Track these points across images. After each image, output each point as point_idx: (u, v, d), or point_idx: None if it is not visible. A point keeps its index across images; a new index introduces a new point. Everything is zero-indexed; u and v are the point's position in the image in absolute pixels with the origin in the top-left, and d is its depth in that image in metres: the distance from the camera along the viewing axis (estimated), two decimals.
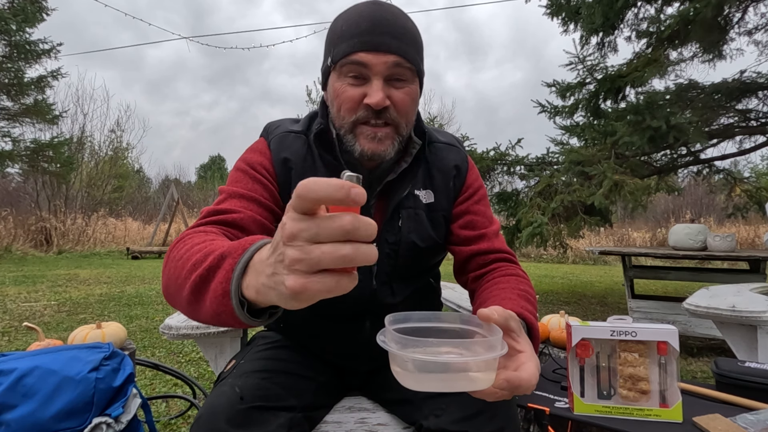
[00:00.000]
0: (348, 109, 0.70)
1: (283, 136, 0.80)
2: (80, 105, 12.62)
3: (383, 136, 0.71)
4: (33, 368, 0.90)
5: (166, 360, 2.49)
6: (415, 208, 0.80)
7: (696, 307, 1.34)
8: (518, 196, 4.52)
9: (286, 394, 0.72)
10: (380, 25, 0.68)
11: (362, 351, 0.86)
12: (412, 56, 0.70)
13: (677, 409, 0.86)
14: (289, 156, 0.78)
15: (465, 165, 0.86)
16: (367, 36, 0.67)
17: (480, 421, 0.67)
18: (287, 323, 0.93)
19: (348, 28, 0.69)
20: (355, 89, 0.69)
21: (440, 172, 0.83)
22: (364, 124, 0.71)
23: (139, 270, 6.66)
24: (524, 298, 0.69)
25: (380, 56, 0.67)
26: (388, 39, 0.68)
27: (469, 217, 0.84)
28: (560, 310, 1.63)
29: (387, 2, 0.71)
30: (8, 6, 8.44)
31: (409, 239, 0.80)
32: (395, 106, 0.70)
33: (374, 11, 0.69)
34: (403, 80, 0.71)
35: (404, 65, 0.69)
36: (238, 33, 37.71)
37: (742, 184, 4.48)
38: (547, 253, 9.69)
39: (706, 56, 4.19)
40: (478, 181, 0.88)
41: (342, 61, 0.69)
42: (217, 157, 31.72)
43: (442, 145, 0.85)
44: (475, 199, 0.85)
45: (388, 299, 0.82)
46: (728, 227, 10.55)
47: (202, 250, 0.51)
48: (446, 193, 0.83)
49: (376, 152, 0.71)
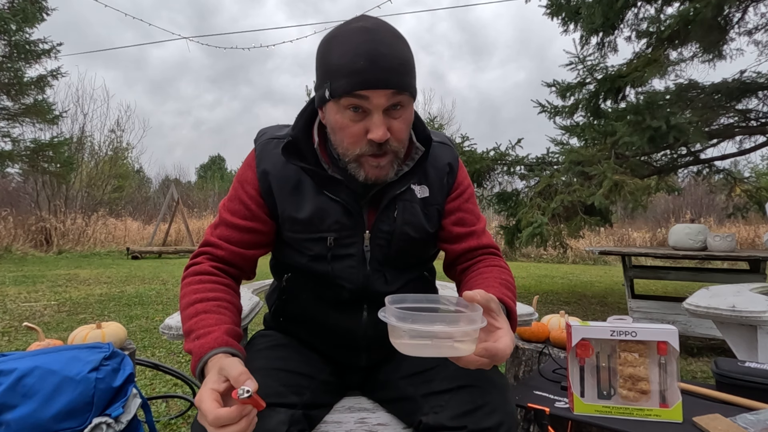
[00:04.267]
0: (352, 143, 0.74)
1: (265, 143, 0.84)
2: (80, 105, 12.61)
3: (386, 164, 0.76)
4: (33, 368, 0.90)
5: (166, 360, 2.49)
6: (411, 201, 0.85)
7: (696, 307, 1.34)
8: (518, 196, 4.52)
9: (286, 392, 0.73)
10: (378, 62, 0.69)
11: (360, 341, 0.87)
12: (408, 85, 0.73)
13: (677, 409, 0.86)
14: (268, 167, 0.82)
15: (456, 163, 0.91)
16: (366, 74, 0.68)
17: (479, 416, 0.67)
18: (287, 315, 0.94)
19: (345, 63, 0.69)
20: (357, 125, 0.73)
21: (434, 169, 0.88)
22: (368, 156, 0.75)
23: (139, 270, 6.67)
24: (505, 286, 0.78)
25: (380, 92, 0.70)
26: (386, 74, 0.69)
27: (460, 215, 0.90)
28: (560, 310, 1.63)
29: (378, 27, 0.72)
30: (8, 6, 8.44)
31: (403, 230, 0.84)
32: (394, 136, 0.74)
33: (370, 45, 0.69)
34: (401, 107, 0.74)
35: (401, 95, 0.72)
36: (241, 33, 37.76)
37: (742, 184, 4.49)
38: (547, 253, 9.69)
39: (706, 56, 4.19)
40: (467, 179, 0.94)
41: (339, 100, 0.71)
42: (217, 157, 31.76)
43: (436, 143, 0.90)
44: (465, 197, 0.91)
45: (381, 287, 0.85)
46: (728, 227, 10.55)
47: (190, 319, 0.74)
48: (440, 188, 0.88)
49: (379, 178, 0.77)
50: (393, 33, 0.73)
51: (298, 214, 0.82)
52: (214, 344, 0.68)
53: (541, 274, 7.21)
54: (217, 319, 0.73)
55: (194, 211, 14.61)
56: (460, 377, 0.73)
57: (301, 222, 0.82)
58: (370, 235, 0.83)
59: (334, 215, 0.81)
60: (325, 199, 0.81)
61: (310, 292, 0.89)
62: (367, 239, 0.83)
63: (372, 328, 0.86)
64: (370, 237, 0.83)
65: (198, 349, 0.68)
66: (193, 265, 0.83)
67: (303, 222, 0.81)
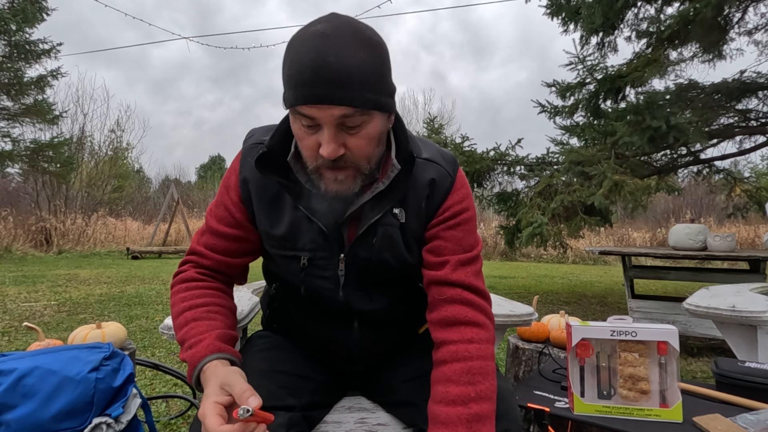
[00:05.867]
0: (308, 156, 0.69)
1: (249, 148, 0.80)
2: (80, 105, 12.61)
3: (344, 177, 0.69)
4: (33, 368, 0.89)
5: (166, 360, 2.49)
6: (392, 226, 0.77)
7: (696, 307, 1.34)
8: (518, 196, 4.52)
9: (284, 394, 0.72)
10: (321, 75, 0.60)
11: (354, 351, 0.86)
12: (363, 101, 0.63)
13: (677, 409, 0.86)
14: (248, 175, 0.78)
15: (446, 183, 0.79)
16: (309, 87, 0.61)
17: None
18: (280, 324, 0.93)
19: (293, 74, 0.62)
20: (310, 138, 0.66)
21: (413, 191, 0.78)
22: (326, 169, 0.69)
23: (139, 270, 6.66)
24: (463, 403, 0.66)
25: (324, 109, 0.62)
26: (331, 89, 0.60)
27: (437, 243, 0.78)
28: (560, 310, 1.63)
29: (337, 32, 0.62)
30: (8, 6, 8.44)
31: (383, 257, 0.78)
32: (351, 152, 0.67)
33: (318, 53, 0.60)
34: (355, 126, 0.65)
35: (352, 114, 0.63)
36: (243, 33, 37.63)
37: (742, 184, 4.48)
38: (547, 253, 9.69)
39: (706, 56, 4.19)
40: (463, 204, 0.80)
41: (292, 110, 0.66)
42: (217, 157, 31.75)
43: (421, 161, 0.78)
44: (449, 224, 0.78)
45: (365, 306, 0.81)
46: (728, 227, 10.55)
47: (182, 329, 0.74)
48: (417, 213, 0.78)
49: (339, 192, 0.70)
50: (354, 39, 0.62)
51: (273, 229, 0.78)
52: (206, 352, 0.68)
53: (541, 274, 7.20)
54: (207, 325, 0.72)
55: (194, 211, 14.61)
56: None
57: (276, 238, 0.78)
58: (346, 260, 0.78)
59: (309, 234, 0.76)
60: (301, 215, 0.76)
61: (296, 305, 0.87)
62: (342, 263, 0.78)
63: (364, 339, 0.84)
64: (345, 261, 0.78)
65: (191, 359, 0.69)
66: (179, 274, 0.82)
67: (277, 238, 0.78)
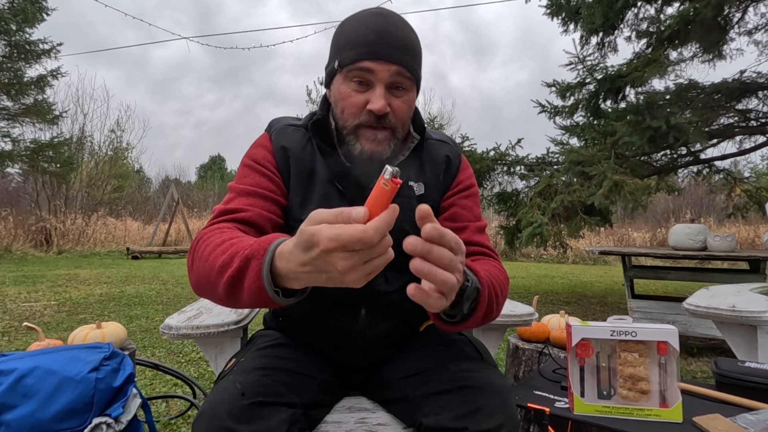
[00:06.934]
0: (352, 114, 0.76)
1: (283, 128, 0.86)
2: (80, 105, 12.60)
3: (382, 138, 0.77)
4: (33, 368, 0.90)
5: (166, 360, 2.49)
6: (408, 197, 0.83)
7: (696, 307, 1.34)
8: (518, 196, 4.52)
9: (286, 391, 0.73)
10: (385, 37, 0.74)
11: (359, 342, 0.87)
12: (413, 67, 0.76)
13: (677, 409, 0.86)
14: (287, 144, 0.83)
15: (457, 160, 0.90)
16: (373, 46, 0.73)
17: (479, 418, 0.67)
18: (286, 316, 0.94)
19: (356, 37, 0.75)
20: (359, 95, 0.75)
21: (431, 165, 0.87)
22: (366, 128, 0.76)
23: (139, 270, 6.66)
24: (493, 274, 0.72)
25: (384, 65, 0.73)
26: (392, 50, 0.74)
27: (454, 210, 0.87)
28: (560, 310, 1.63)
29: (392, 13, 0.77)
30: (8, 6, 8.44)
31: (402, 227, 0.78)
32: (394, 113, 0.76)
33: (380, 23, 0.75)
34: (403, 89, 0.77)
35: (405, 74, 0.75)
36: (244, 33, 37.62)
37: (742, 184, 4.49)
38: (547, 253, 9.69)
39: (706, 56, 4.19)
40: (471, 180, 0.91)
41: (349, 67, 0.75)
42: (217, 157, 31.76)
43: (435, 141, 0.90)
44: (464, 194, 0.88)
45: (381, 287, 0.83)
46: (728, 227, 10.55)
47: (227, 251, 0.60)
48: (435, 185, 0.87)
49: (375, 152, 0.77)
50: (405, 21, 0.78)
51: (304, 202, 0.81)
52: (274, 238, 0.57)
53: (541, 274, 7.20)
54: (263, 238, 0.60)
55: (194, 211, 14.61)
56: (460, 378, 0.73)
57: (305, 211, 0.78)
58: None
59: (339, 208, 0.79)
60: (333, 191, 0.81)
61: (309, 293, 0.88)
62: None
63: (370, 329, 0.86)
64: None
65: (258, 246, 0.56)
66: (212, 225, 0.72)
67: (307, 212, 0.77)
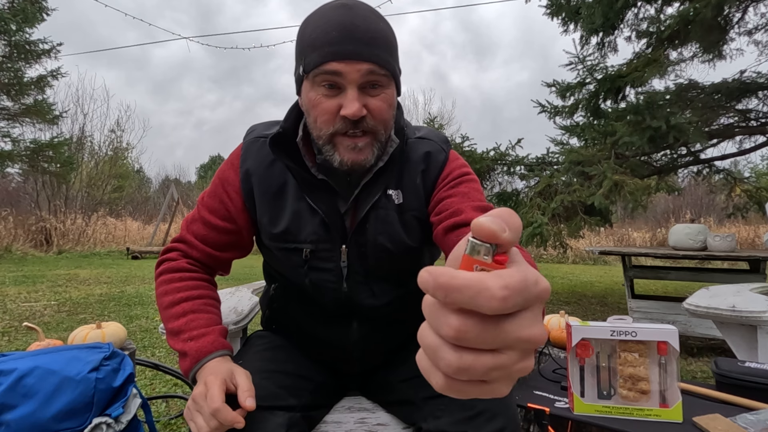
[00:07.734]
0: (325, 121, 0.68)
1: (251, 142, 0.80)
2: (80, 105, 12.62)
3: (363, 145, 0.69)
4: (33, 368, 0.89)
5: (166, 360, 2.49)
6: (386, 209, 0.76)
7: (696, 307, 1.34)
8: (518, 196, 4.51)
9: (284, 394, 0.72)
10: (350, 33, 0.65)
11: (353, 352, 0.85)
12: (386, 61, 0.67)
13: (677, 409, 0.86)
14: (251, 167, 0.77)
15: (441, 155, 0.79)
16: (338, 45, 0.64)
17: (480, 421, 0.66)
18: (278, 324, 0.93)
19: (318, 36, 0.66)
20: (330, 100, 0.67)
21: (408, 169, 0.78)
22: (342, 135, 0.68)
23: (139, 270, 6.66)
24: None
25: (353, 65, 0.65)
26: (360, 46, 0.65)
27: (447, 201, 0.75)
28: (560, 310, 1.63)
29: (356, 3, 0.68)
30: (8, 6, 8.44)
31: (378, 241, 0.76)
32: (372, 114, 0.68)
33: (343, 17, 0.65)
34: (379, 86, 0.68)
35: (378, 72, 0.67)
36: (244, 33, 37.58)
37: (742, 184, 4.48)
38: (547, 253, 9.68)
39: (706, 56, 4.19)
40: (463, 169, 0.79)
41: (314, 71, 0.66)
42: (217, 157, 31.76)
43: (414, 140, 0.80)
44: (454, 183, 0.77)
45: (367, 301, 0.80)
46: (728, 227, 10.55)
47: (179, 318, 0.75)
48: (414, 191, 0.77)
49: (356, 162, 0.69)
50: (372, 10, 0.69)
51: (274, 222, 0.77)
52: (212, 348, 0.72)
53: (541, 274, 7.19)
54: (208, 319, 0.75)
55: None
56: None
57: (277, 231, 0.77)
58: (347, 250, 0.76)
59: (311, 226, 0.75)
60: (305, 206, 0.75)
61: (296, 303, 0.86)
62: (344, 254, 0.76)
63: (363, 340, 0.83)
64: (347, 251, 0.76)
65: (196, 352, 0.71)
66: (167, 261, 0.82)
67: (279, 231, 0.77)
